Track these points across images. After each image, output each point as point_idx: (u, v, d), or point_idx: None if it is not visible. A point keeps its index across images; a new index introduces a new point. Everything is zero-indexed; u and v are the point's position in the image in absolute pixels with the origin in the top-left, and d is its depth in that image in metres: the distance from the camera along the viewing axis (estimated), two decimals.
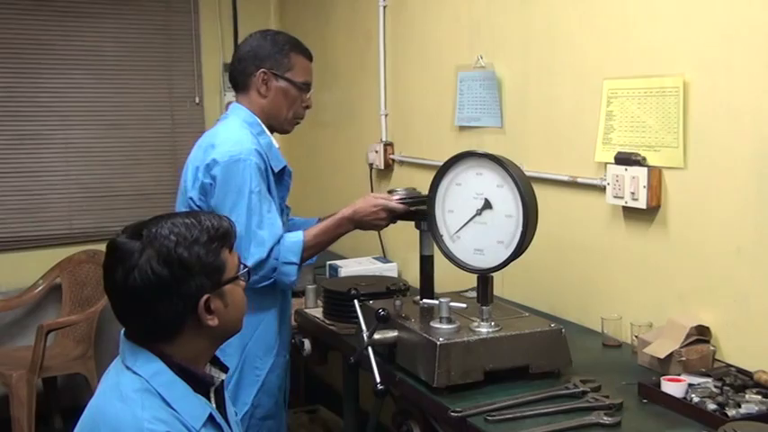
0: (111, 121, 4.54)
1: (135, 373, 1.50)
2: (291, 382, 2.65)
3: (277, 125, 2.47)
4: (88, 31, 4.46)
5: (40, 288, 4.36)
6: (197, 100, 4.70)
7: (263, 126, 2.41)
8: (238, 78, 2.45)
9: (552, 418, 1.83)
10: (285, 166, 2.44)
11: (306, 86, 2.46)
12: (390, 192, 2.51)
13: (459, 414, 1.86)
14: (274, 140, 2.43)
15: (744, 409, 1.79)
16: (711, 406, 1.82)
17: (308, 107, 2.50)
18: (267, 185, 2.33)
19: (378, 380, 2.04)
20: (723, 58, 2.10)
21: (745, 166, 2.06)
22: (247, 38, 2.49)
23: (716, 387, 1.92)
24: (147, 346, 1.53)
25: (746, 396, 1.86)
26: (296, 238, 2.35)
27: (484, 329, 2.08)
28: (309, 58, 2.48)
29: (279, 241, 2.30)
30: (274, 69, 2.40)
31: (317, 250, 2.43)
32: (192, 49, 4.67)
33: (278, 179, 2.41)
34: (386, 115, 3.74)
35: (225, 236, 1.57)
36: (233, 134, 2.32)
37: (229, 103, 2.54)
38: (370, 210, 2.41)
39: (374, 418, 2.30)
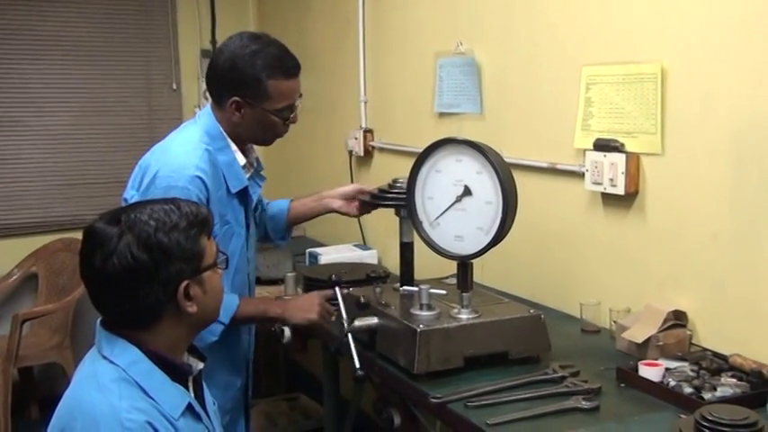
0: (87, 107, 4.49)
1: (112, 362, 1.49)
2: (272, 370, 2.62)
3: (253, 143, 2.33)
4: (63, 14, 4.40)
5: (15, 277, 4.33)
6: (174, 86, 4.66)
7: (229, 141, 2.22)
8: (211, 92, 2.26)
9: (531, 404, 1.84)
10: (246, 187, 2.26)
11: (288, 110, 2.23)
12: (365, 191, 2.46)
13: (439, 400, 1.88)
14: (240, 156, 2.25)
15: (719, 392, 1.82)
16: (688, 389, 1.84)
17: (293, 123, 2.27)
18: (220, 209, 2.17)
19: (357, 366, 2.04)
20: (701, 44, 2.12)
21: (723, 153, 2.08)
22: (226, 45, 2.22)
23: (692, 371, 1.94)
24: (124, 335, 1.52)
25: (722, 379, 1.89)
26: (232, 300, 2.16)
27: (464, 316, 2.09)
28: (294, 75, 2.22)
29: None
30: (249, 98, 2.17)
31: (241, 324, 2.26)
32: (170, 35, 4.64)
33: (241, 199, 2.26)
34: (365, 102, 3.73)
35: (204, 223, 1.57)
36: (178, 157, 2.13)
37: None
38: (306, 306, 2.25)
39: (354, 405, 2.31)
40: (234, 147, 2.24)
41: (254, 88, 2.16)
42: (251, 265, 2.37)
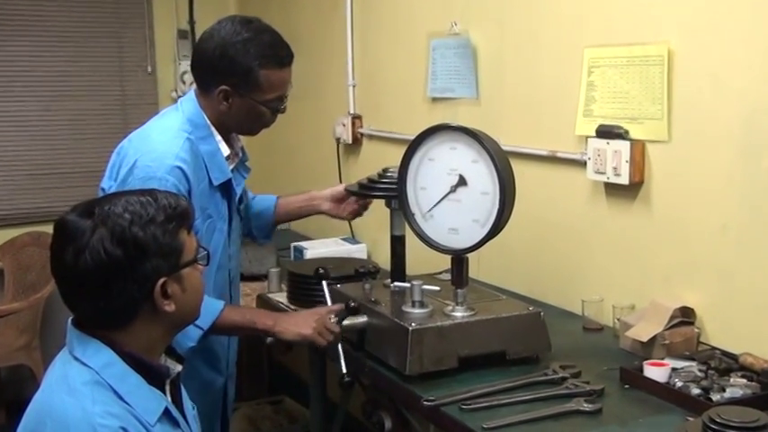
0: (56, 91, 4.47)
1: (84, 364, 1.49)
2: (254, 371, 2.63)
3: (239, 133, 2.33)
4: None
5: None
6: (149, 69, 4.65)
7: (212, 130, 2.22)
8: (197, 78, 2.26)
9: (530, 406, 1.85)
10: (230, 179, 2.25)
11: (278, 101, 2.24)
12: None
13: (433, 403, 1.88)
14: (224, 146, 2.25)
15: (728, 394, 1.83)
16: (695, 391, 1.86)
17: (281, 113, 2.30)
18: (202, 202, 2.16)
19: (344, 371, 2.05)
20: (710, 24, 2.12)
21: (732, 140, 2.09)
22: (215, 30, 2.19)
23: (700, 371, 1.96)
24: (98, 335, 1.52)
25: (731, 380, 1.90)
26: (215, 305, 2.14)
27: (458, 314, 2.10)
28: (286, 65, 2.23)
29: None
30: (238, 88, 2.17)
31: (223, 333, 2.24)
32: (144, 14, 4.61)
33: (224, 191, 2.26)
34: (353, 86, 3.73)
35: (183, 216, 1.57)
36: (158, 145, 2.13)
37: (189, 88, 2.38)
38: (301, 321, 2.17)
39: (342, 408, 2.32)
40: (218, 136, 2.24)
41: (245, 78, 2.16)
42: (233, 261, 2.37)
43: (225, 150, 2.25)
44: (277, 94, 2.23)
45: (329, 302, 2.20)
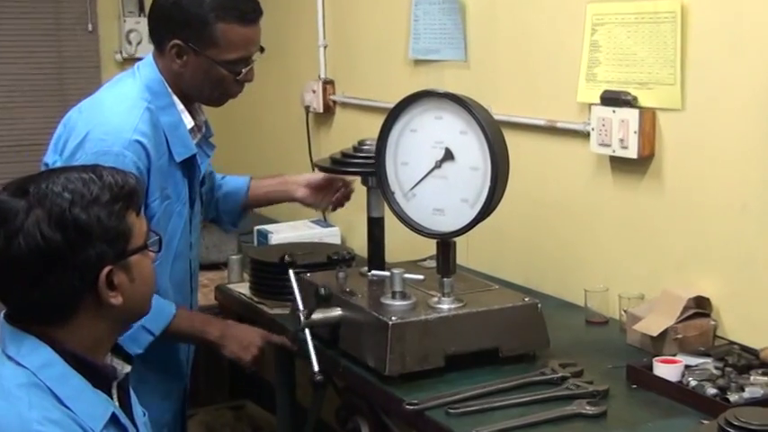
0: None
1: (19, 364, 1.49)
2: (213, 372, 2.63)
3: (200, 101, 2.33)
4: None
5: None
6: (90, 27, 4.60)
7: (174, 98, 2.24)
8: (150, 32, 2.27)
9: (526, 410, 1.87)
10: (194, 155, 2.27)
11: (240, 63, 2.23)
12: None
13: (416, 407, 1.89)
14: (187, 117, 2.25)
15: (748, 393, 1.86)
16: (711, 390, 1.88)
17: (247, 81, 2.29)
18: (160, 181, 2.18)
19: (316, 368, 2.06)
20: None
21: (754, 107, 2.10)
22: None
23: (716, 368, 1.98)
24: (34, 331, 1.52)
25: (751, 378, 1.92)
26: (167, 308, 2.18)
27: (445, 306, 2.11)
28: (251, 22, 2.22)
29: None
30: (192, 42, 2.17)
31: (171, 340, 2.27)
32: None
33: (185, 169, 2.27)
34: (325, 47, 3.72)
35: (131, 195, 1.57)
36: (113, 116, 2.13)
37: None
38: (245, 343, 2.31)
39: (314, 414, 2.33)
40: (180, 105, 2.24)
41: (199, 30, 2.17)
42: (194, 250, 2.37)
43: (188, 122, 2.25)
44: (238, 55, 2.22)
45: (297, 294, 2.20)
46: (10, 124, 4.50)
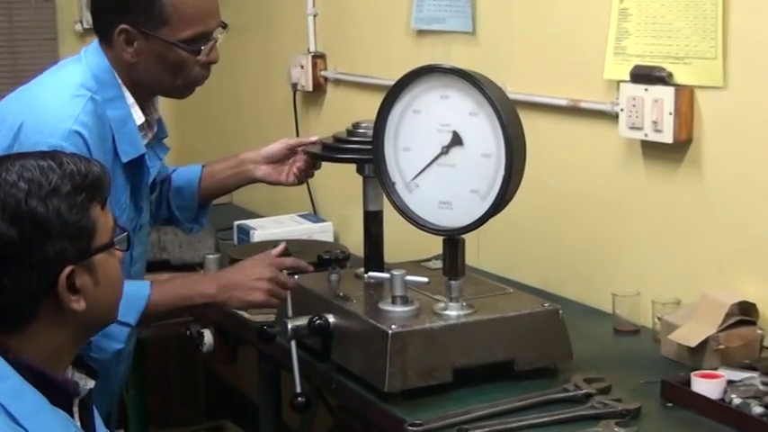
0: None
1: None
2: (188, 389, 2.63)
3: (162, 93, 2.33)
4: None
5: None
6: None
7: (124, 90, 2.23)
8: (94, 23, 2.28)
9: (546, 431, 1.88)
10: (143, 156, 2.25)
11: (199, 41, 2.21)
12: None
13: (420, 428, 1.90)
14: (138, 112, 2.24)
15: None
16: (757, 410, 1.88)
17: (211, 62, 2.27)
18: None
19: (298, 389, 2.06)
20: None
21: None
22: None
23: (763, 384, 1.98)
24: None
25: None
26: (139, 290, 2.14)
27: (452, 312, 2.11)
28: None
29: None
30: (140, 25, 2.16)
31: (155, 320, 2.25)
32: None
33: (130, 172, 2.25)
34: (315, 15, 3.72)
35: (95, 185, 1.57)
36: (51, 105, 2.13)
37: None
38: (248, 283, 2.20)
39: None
40: (130, 98, 2.24)
41: (146, 9, 2.15)
42: (136, 265, 2.34)
43: (138, 118, 2.25)
44: (194, 31, 2.20)
45: (288, 301, 2.20)
46: None
